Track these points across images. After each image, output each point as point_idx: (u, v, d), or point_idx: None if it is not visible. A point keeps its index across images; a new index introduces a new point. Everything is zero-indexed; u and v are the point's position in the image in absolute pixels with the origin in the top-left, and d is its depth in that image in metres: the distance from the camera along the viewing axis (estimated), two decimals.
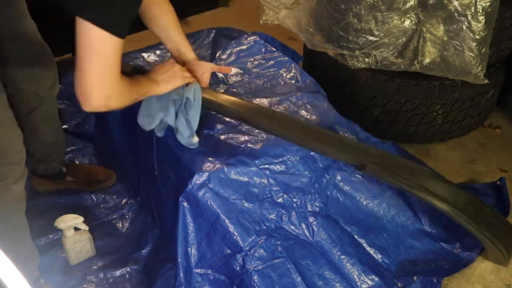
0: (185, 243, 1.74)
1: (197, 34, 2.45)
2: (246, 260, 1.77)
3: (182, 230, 1.73)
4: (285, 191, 1.84)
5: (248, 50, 2.32)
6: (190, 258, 1.75)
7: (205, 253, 1.77)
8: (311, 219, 1.90)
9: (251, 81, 2.18)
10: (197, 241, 1.75)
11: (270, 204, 1.83)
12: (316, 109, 2.03)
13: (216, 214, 1.75)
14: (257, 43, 2.34)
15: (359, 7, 2.24)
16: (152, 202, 2.04)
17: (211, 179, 1.72)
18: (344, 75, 2.45)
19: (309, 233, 1.89)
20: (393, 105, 2.41)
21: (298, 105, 2.02)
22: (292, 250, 1.84)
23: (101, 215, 2.10)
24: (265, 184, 1.80)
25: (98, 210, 2.12)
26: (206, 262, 1.77)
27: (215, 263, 1.78)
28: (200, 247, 1.76)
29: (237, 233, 1.76)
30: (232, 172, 1.75)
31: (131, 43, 3.04)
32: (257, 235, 1.80)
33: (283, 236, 1.85)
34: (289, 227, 1.87)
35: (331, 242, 1.89)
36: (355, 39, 2.29)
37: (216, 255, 1.78)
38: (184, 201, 1.73)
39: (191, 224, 1.74)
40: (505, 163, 2.49)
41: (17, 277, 0.90)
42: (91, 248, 1.92)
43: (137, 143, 2.11)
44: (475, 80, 2.21)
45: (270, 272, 1.78)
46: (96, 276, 1.86)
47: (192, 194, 1.72)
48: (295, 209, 1.88)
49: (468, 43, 2.15)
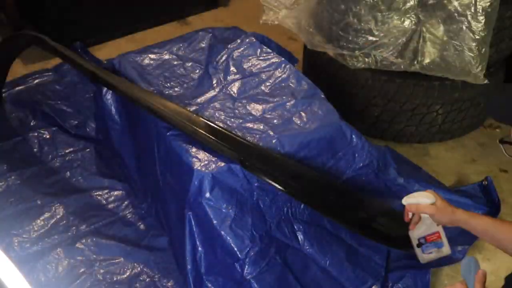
0: (193, 252, 1.80)
1: (193, 35, 2.44)
2: (243, 268, 1.81)
3: (189, 239, 1.80)
4: (271, 200, 1.88)
5: (244, 52, 2.33)
6: (200, 265, 1.80)
7: (211, 261, 1.82)
8: (298, 227, 1.94)
9: (246, 83, 2.19)
10: (204, 249, 1.81)
11: (259, 212, 1.87)
12: (310, 116, 2.03)
13: (212, 224, 1.80)
14: (252, 44, 2.34)
15: (359, 7, 2.24)
16: (158, 207, 2.06)
17: (208, 188, 1.77)
18: (344, 75, 2.45)
19: (298, 240, 1.93)
20: (393, 105, 2.41)
21: (292, 112, 2.04)
22: (285, 256, 1.88)
23: (103, 217, 2.08)
24: (253, 193, 1.84)
25: (100, 212, 2.10)
26: (214, 269, 1.82)
27: (222, 271, 1.82)
28: (207, 255, 1.82)
29: (233, 242, 1.81)
30: (222, 181, 1.79)
31: (131, 43, 3.05)
32: (251, 242, 1.84)
33: (276, 243, 1.89)
34: (279, 234, 1.91)
35: (320, 249, 1.92)
36: (355, 39, 2.29)
37: (221, 263, 1.83)
38: (189, 211, 1.78)
39: (197, 233, 1.80)
40: (505, 163, 2.49)
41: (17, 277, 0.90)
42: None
43: (140, 149, 2.13)
44: (475, 80, 2.21)
45: (267, 277, 1.82)
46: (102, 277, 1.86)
47: (196, 204, 1.78)
48: (282, 217, 1.92)
49: (468, 43, 2.15)
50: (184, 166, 1.82)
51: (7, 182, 2.18)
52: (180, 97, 2.12)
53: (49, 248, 1.93)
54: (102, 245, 1.95)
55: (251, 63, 2.27)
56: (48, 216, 2.04)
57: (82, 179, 2.25)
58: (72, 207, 2.09)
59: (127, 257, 1.92)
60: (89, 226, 2.03)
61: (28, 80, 2.63)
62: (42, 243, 1.95)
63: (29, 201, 2.09)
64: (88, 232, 2.00)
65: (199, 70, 2.27)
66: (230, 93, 2.13)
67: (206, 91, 2.15)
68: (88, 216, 2.07)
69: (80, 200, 2.13)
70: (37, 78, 2.60)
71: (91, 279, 1.85)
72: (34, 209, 2.06)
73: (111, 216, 2.08)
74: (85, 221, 2.05)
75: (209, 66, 2.27)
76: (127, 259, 1.91)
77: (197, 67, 2.28)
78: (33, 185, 2.18)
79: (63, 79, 2.67)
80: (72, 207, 2.09)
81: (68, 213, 2.07)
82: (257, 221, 1.86)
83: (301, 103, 2.07)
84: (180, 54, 2.33)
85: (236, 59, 2.28)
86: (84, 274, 1.86)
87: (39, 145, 2.34)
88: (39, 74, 2.62)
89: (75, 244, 1.94)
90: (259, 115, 2.03)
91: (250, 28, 2.57)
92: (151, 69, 2.26)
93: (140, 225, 2.07)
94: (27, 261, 1.86)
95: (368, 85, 2.40)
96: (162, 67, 2.28)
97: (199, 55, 2.34)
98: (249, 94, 2.13)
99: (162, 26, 3.29)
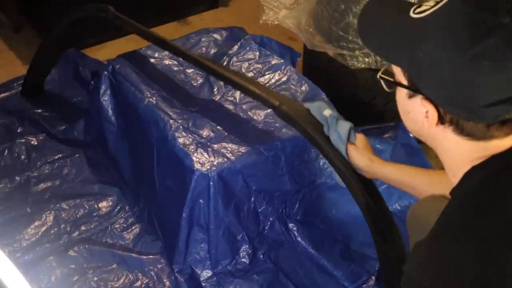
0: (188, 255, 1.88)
1: (192, 36, 2.44)
2: (233, 269, 1.87)
3: (184, 242, 1.87)
4: (268, 201, 1.92)
5: (243, 56, 2.33)
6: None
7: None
8: (292, 225, 1.98)
9: None
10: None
11: (253, 213, 1.91)
12: None
13: (207, 226, 1.84)
14: (252, 48, 2.34)
15: (359, 7, 2.24)
16: (152, 211, 2.05)
17: (207, 190, 1.80)
18: (344, 75, 2.45)
19: (293, 238, 1.97)
20: (393, 105, 2.40)
21: None
22: (277, 255, 1.93)
23: (95, 223, 2.05)
24: (249, 194, 1.88)
25: (91, 218, 2.08)
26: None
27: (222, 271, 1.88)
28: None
29: (226, 244, 1.86)
30: (224, 186, 1.82)
31: (131, 43, 3.05)
32: (243, 244, 1.89)
33: (268, 243, 1.94)
34: (273, 234, 1.95)
35: (315, 246, 1.96)
36: (355, 39, 2.29)
37: (220, 264, 1.89)
38: (186, 213, 1.83)
39: (193, 235, 1.86)
40: None
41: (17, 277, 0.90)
42: None
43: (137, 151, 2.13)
44: None
45: (258, 278, 1.86)
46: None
47: (194, 206, 1.83)
48: (277, 217, 1.96)
49: None
50: (184, 167, 1.82)
51: None
52: (181, 100, 2.12)
53: (41, 257, 1.90)
54: (95, 252, 1.92)
55: (251, 68, 2.28)
56: (39, 224, 2.00)
57: (72, 185, 2.20)
58: (63, 214, 2.05)
59: (121, 264, 1.90)
60: (81, 234, 2.00)
61: (14, 86, 2.59)
62: (34, 252, 1.91)
63: (19, 210, 2.05)
64: (80, 239, 1.98)
65: (199, 77, 2.27)
66: (231, 100, 2.13)
67: (207, 96, 2.16)
68: (80, 223, 2.04)
69: (71, 207, 2.08)
70: (21, 84, 2.57)
71: (84, 287, 1.83)
72: (24, 218, 2.02)
73: (103, 222, 2.06)
74: (77, 228, 2.02)
75: None
76: (121, 265, 1.90)
77: (197, 74, 2.28)
78: (22, 193, 2.13)
79: (49, 84, 2.63)
80: (63, 214, 2.05)
81: (59, 220, 2.03)
82: (252, 224, 1.90)
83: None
84: (181, 59, 2.33)
85: (236, 65, 2.29)
86: (78, 282, 1.84)
87: (27, 152, 2.28)
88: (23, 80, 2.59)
89: (67, 252, 1.91)
90: (260, 119, 2.04)
91: (250, 28, 2.57)
92: (152, 71, 2.26)
93: (132, 230, 2.04)
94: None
95: (368, 85, 2.40)
96: (162, 69, 2.28)
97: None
98: (250, 99, 2.13)
99: (162, 26, 3.28)
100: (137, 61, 2.28)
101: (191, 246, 1.88)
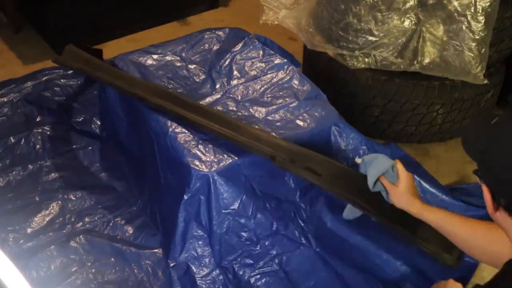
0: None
1: (196, 37, 2.44)
2: (236, 269, 1.85)
3: (181, 240, 1.85)
4: (276, 202, 1.91)
5: (247, 54, 2.33)
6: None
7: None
8: (308, 229, 1.95)
9: (249, 86, 2.19)
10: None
11: (263, 214, 1.89)
12: (312, 118, 2.04)
13: (210, 226, 1.83)
14: (255, 47, 2.34)
15: (359, 7, 2.24)
16: (154, 205, 2.06)
17: (206, 188, 1.80)
18: (344, 75, 2.45)
19: (309, 241, 1.93)
20: (393, 105, 2.41)
21: (296, 114, 2.04)
22: (288, 259, 1.89)
23: (98, 215, 2.07)
24: (255, 193, 1.86)
25: (96, 210, 2.10)
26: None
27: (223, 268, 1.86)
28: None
29: (229, 244, 1.85)
30: (225, 184, 1.81)
31: (131, 43, 3.05)
32: (248, 243, 1.87)
33: (278, 245, 1.91)
34: (286, 237, 1.92)
35: (331, 252, 1.91)
36: (355, 39, 2.29)
37: (222, 261, 1.87)
38: (184, 211, 1.82)
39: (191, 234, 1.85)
40: None
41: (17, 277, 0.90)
42: None
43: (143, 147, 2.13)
44: (474, 80, 2.21)
45: (264, 279, 1.84)
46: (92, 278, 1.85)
47: (192, 203, 1.82)
48: (291, 219, 1.93)
49: (467, 43, 2.15)
50: (183, 165, 1.82)
51: (8, 177, 2.19)
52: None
53: (43, 245, 1.92)
54: (95, 244, 1.95)
55: (254, 66, 2.28)
56: (45, 213, 2.04)
57: (82, 177, 2.24)
58: (69, 205, 2.09)
59: (119, 257, 1.92)
60: (84, 225, 2.03)
61: (38, 76, 2.62)
62: (37, 239, 1.95)
63: (28, 198, 2.10)
64: (83, 230, 2.00)
65: (202, 73, 2.27)
66: (233, 97, 2.13)
67: (209, 94, 2.16)
68: (84, 214, 2.07)
69: (77, 198, 2.12)
70: (46, 75, 2.59)
71: (82, 277, 1.85)
72: (32, 206, 2.07)
73: (107, 214, 2.08)
74: (81, 219, 2.05)
75: (212, 70, 2.27)
76: (118, 258, 1.91)
77: (200, 71, 2.28)
78: (33, 181, 2.18)
79: (72, 75, 2.65)
80: (69, 205, 2.09)
81: (64, 211, 2.07)
82: (259, 225, 1.87)
83: (304, 104, 2.08)
84: (183, 56, 2.33)
85: (239, 63, 2.29)
86: (76, 273, 1.86)
87: (42, 142, 2.34)
88: (49, 71, 2.61)
89: (69, 242, 1.94)
90: (262, 117, 2.04)
91: (250, 28, 2.57)
92: (154, 69, 2.26)
93: (134, 224, 2.06)
94: (20, 257, 1.86)
95: (368, 85, 2.40)
96: (165, 68, 2.28)
97: (202, 58, 2.34)
98: (252, 96, 2.14)
99: (162, 26, 3.28)
100: (140, 59, 2.29)
101: (188, 242, 1.87)
